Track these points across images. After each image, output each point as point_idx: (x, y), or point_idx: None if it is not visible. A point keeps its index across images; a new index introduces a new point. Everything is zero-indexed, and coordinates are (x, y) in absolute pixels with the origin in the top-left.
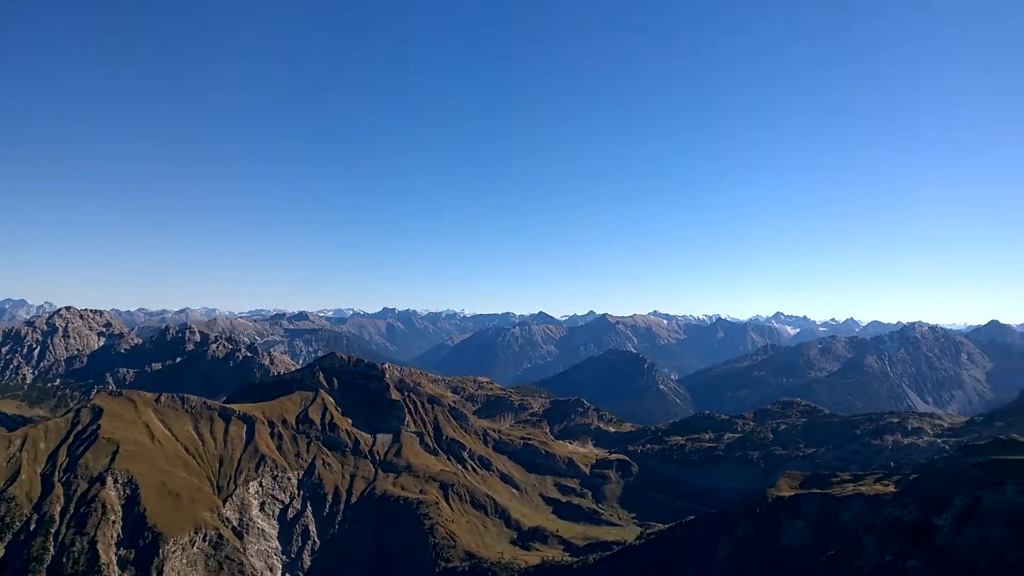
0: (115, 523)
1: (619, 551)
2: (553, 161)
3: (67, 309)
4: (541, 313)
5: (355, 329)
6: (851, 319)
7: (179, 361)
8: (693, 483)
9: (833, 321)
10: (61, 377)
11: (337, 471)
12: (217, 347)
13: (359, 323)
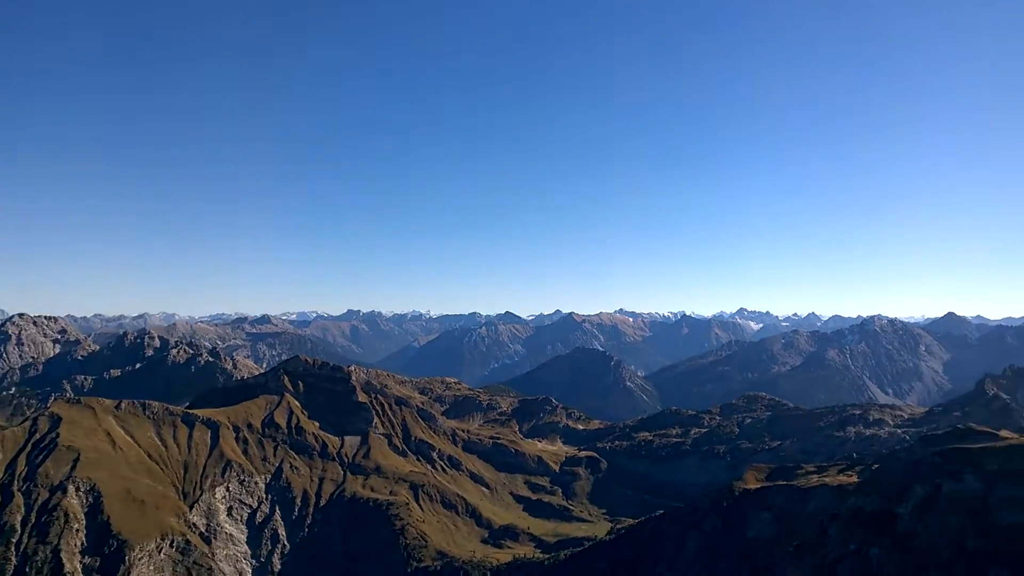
0: (79, 531)
1: (590, 547)
2: (518, 161)
3: (20, 316)
4: (508, 313)
5: (319, 332)
6: (813, 314)
7: (138, 367)
8: (661, 478)
9: (795, 316)
10: (16, 385)
11: (305, 474)
12: (178, 352)
13: (323, 326)
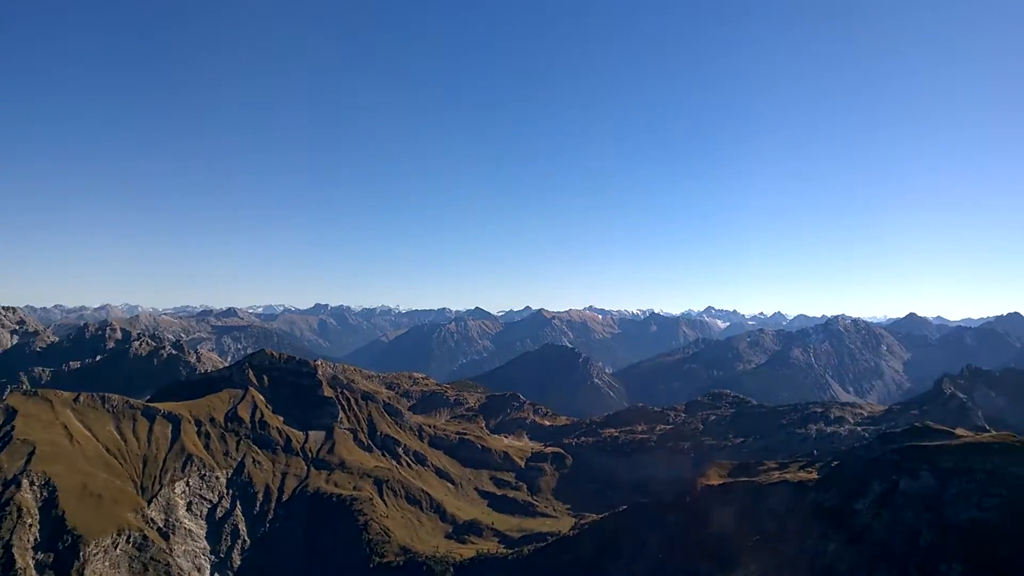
0: (32, 526)
1: (553, 542)
2: (488, 158)
3: None
4: (477, 308)
5: (286, 326)
6: (779, 313)
7: (99, 359)
8: (626, 474)
9: (761, 315)
10: None
11: (268, 469)
12: (140, 345)
13: (290, 319)
